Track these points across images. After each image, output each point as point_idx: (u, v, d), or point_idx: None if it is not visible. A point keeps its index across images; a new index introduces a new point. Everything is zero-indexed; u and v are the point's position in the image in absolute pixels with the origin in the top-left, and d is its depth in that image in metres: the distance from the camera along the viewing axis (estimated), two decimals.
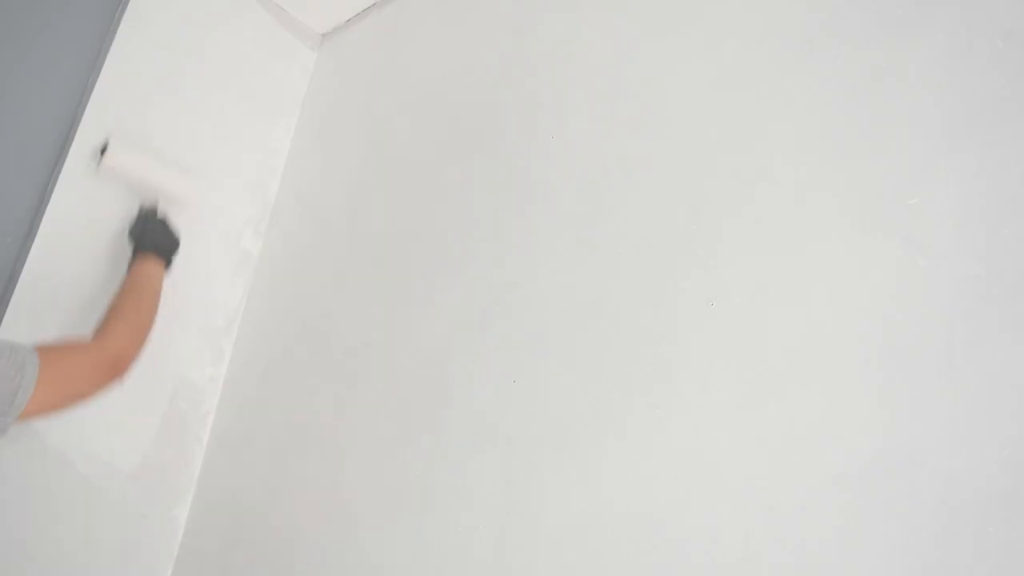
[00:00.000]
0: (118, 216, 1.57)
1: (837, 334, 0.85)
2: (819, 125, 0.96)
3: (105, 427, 1.49)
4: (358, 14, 1.93)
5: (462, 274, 1.30)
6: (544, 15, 1.42)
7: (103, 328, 1.21)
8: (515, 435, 1.09)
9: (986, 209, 0.79)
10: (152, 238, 1.49)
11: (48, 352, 1.06)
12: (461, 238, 1.34)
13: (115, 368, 1.15)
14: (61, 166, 1.51)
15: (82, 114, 1.55)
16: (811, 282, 0.89)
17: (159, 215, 1.55)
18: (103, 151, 1.53)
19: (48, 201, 1.48)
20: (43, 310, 1.44)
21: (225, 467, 1.57)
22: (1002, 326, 0.75)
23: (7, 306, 1.40)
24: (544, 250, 1.19)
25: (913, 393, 0.77)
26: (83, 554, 1.45)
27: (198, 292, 1.68)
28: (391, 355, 1.34)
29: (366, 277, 1.49)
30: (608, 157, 1.18)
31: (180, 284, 1.65)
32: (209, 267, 1.71)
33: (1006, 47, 0.84)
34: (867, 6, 0.97)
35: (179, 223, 1.59)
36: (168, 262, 1.50)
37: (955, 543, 0.70)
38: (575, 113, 1.26)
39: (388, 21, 1.83)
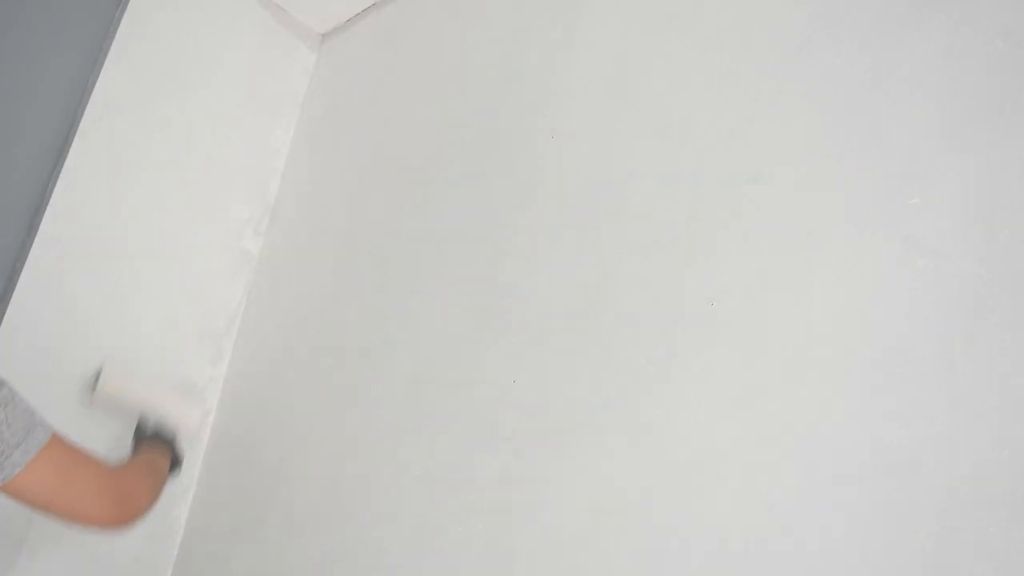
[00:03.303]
0: (118, 216, 1.57)
1: (837, 334, 0.85)
2: (819, 125, 0.96)
3: (106, 427, 1.49)
4: (358, 14, 1.93)
5: (462, 274, 1.30)
6: (544, 15, 1.42)
7: (124, 469, 1.10)
8: (515, 435, 1.09)
9: (986, 209, 0.79)
10: (159, 435, 1.39)
11: (64, 440, 0.96)
12: (461, 238, 1.34)
13: (121, 503, 1.02)
14: (61, 166, 1.51)
15: (82, 114, 1.55)
16: (811, 282, 0.89)
17: (165, 428, 1.44)
18: (97, 380, 1.42)
19: (48, 201, 1.48)
20: (43, 310, 1.44)
21: (225, 467, 1.57)
22: (1002, 326, 0.75)
23: (7, 306, 1.40)
24: (544, 250, 1.19)
25: (913, 393, 0.77)
26: (83, 554, 1.44)
27: (198, 292, 1.68)
28: (391, 354, 1.34)
29: (366, 277, 1.49)
30: (608, 157, 1.18)
31: (180, 284, 1.65)
32: (209, 267, 1.71)
33: (1005, 47, 0.84)
34: (867, 6, 0.97)
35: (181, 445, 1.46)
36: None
37: (955, 543, 0.70)
38: (575, 112, 1.26)
39: (388, 21, 1.83)
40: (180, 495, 1.58)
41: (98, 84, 1.58)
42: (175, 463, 1.39)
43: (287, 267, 1.70)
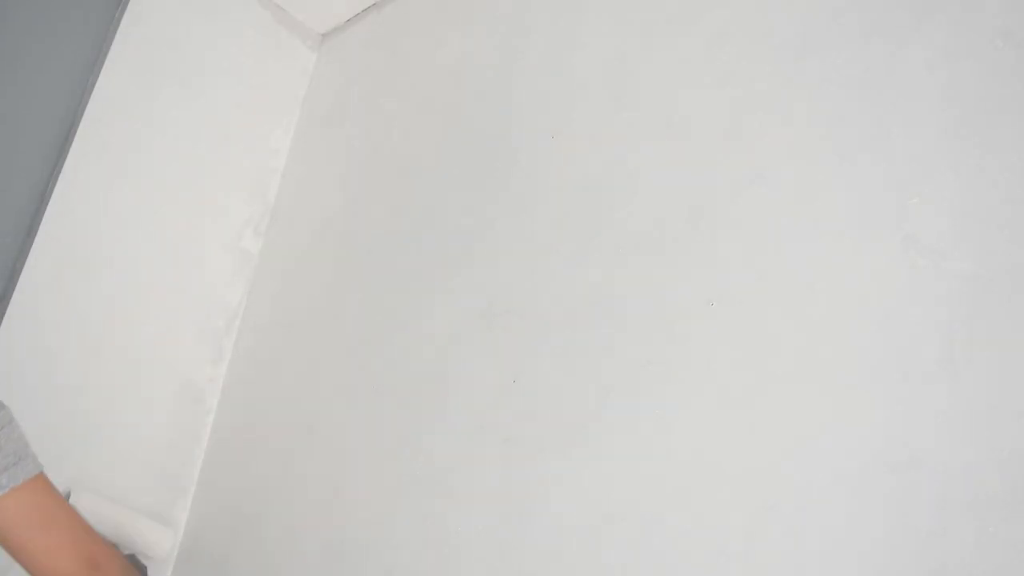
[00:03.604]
0: (118, 216, 1.57)
1: (837, 334, 0.85)
2: (819, 125, 0.96)
3: (106, 427, 1.49)
4: (358, 14, 1.93)
5: (462, 274, 1.30)
6: (544, 15, 1.42)
7: (104, 542, 1.02)
8: (515, 435, 1.09)
9: (986, 209, 0.79)
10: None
11: (51, 485, 0.93)
12: (461, 238, 1.34)
13: (92, 568, 0.93)
14: (61, 166, 1.51)
15: (82, 114, 1.55)
16: (811, 282, 0.89)
17: (136, 561, 1.26)
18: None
19: (48, 201, 1.48)
20: (43, 310, 1.44)
21: (225, 467, 1.57)
22: (1001, 326, 0.75)
23: (7, 306, 1.40)
24: (543, 250, 1.19)
25: (913, 393, 0.77)
26: None
27: (198, 292, 1.68)
28: (391, 354, 1.34)
29: (366, 277, 1.49)
30: (608, 157, 1.18)
31: (180, 284, 1.65)
32: (209, 267, 1.71)
33: (1005, 47, 0.84)
34: (867, 6, 0.97)
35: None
36: None
37: (955, 542, 0.70)
38: (575, 113, 1.26)
39: (388, 21, 1.83)
40: (180, 495, 1.58)
41: (98, 84, 1.58)
42: None
43: (287, 267, 1.70)
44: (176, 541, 1.53)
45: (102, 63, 1.60)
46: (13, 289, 1.41)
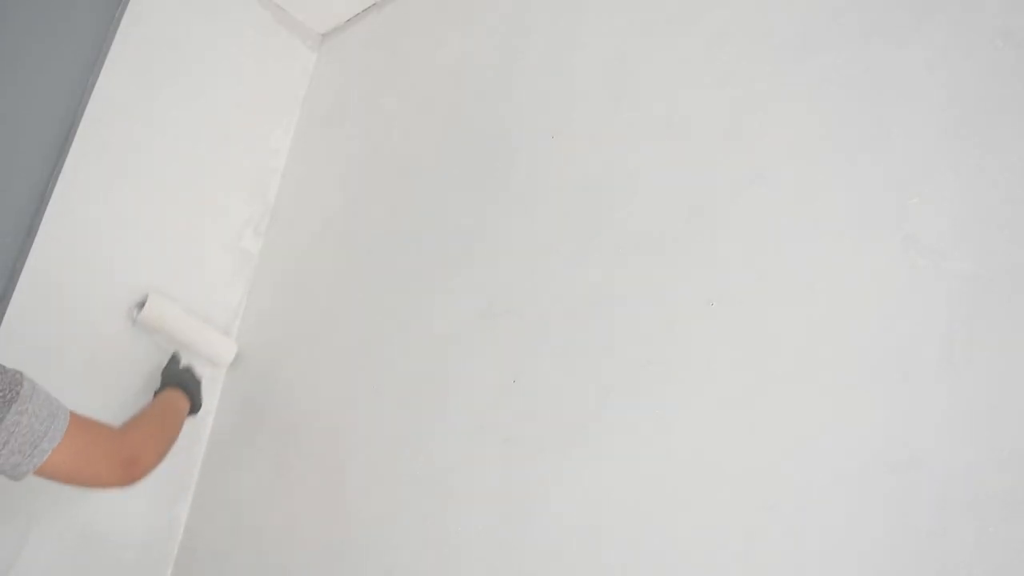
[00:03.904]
0: (118, 217, 1.57)
1: (837, 334, 0.85)
2: (819, 125, 0.96)
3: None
4: (358, 14, 1.94)
5: (462, 274, 1.30)
6: (544, 15, 1.42)
7: (127, 427, 1.18)
8: (515, 435, 1.09)
9: (985, 209, 0.79)
10: (183, 380, 1.48)
11: (79, 418, 1.04)
12: (460, 238, 1.34)
13: (128, 466, 1.11)
14: (61, 166, 1.51)
15: (82, 114, 1.55)
16: (811, 282, 0.89)
17: (193, 372, 1.54)
18: (141, 305, 1.53)
19: (48, 201, 1.48)
20: (43, 309, 1.44)
21: (225, 467, 1.57)
22: (1001, 326, 0.75)
23: (7, 306, 1.40)
24: (543, 250, 1.19)
25: (913, 393, 0.77)
26: (83, 554, 1.44)
27: (198, 292, 1.68)
28: (391, 354, 1.34)
29: (366, 277, 1.49)
30: (608, 157, 1.18)
31: (180, 284, 1.65)
32: (209, 267, 1.71)
33: (1005, 47, 0.84)
34: (867, 6, 0.97)
35: (208, 383, 1.58)
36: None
37: (955, 542, 0.70)
38: (575, 113, 1.26)
39: (388, 21, 1.83)
40: (180, 495, 1.58)
41: (98, 84, 1.58)
42: (195, 407, 1.49)
43: (287, 267, 1.70)
44: (232, 348, 1.67)
45: (102, 63, 1.60)
46: (13, 289, 1.41)
